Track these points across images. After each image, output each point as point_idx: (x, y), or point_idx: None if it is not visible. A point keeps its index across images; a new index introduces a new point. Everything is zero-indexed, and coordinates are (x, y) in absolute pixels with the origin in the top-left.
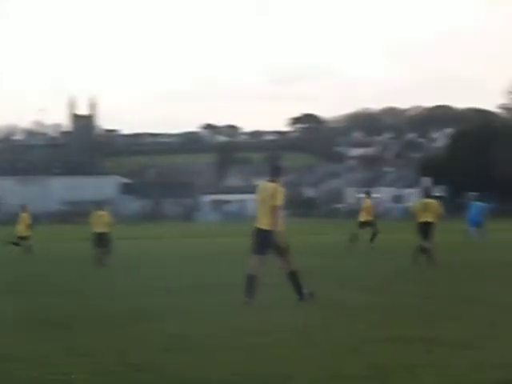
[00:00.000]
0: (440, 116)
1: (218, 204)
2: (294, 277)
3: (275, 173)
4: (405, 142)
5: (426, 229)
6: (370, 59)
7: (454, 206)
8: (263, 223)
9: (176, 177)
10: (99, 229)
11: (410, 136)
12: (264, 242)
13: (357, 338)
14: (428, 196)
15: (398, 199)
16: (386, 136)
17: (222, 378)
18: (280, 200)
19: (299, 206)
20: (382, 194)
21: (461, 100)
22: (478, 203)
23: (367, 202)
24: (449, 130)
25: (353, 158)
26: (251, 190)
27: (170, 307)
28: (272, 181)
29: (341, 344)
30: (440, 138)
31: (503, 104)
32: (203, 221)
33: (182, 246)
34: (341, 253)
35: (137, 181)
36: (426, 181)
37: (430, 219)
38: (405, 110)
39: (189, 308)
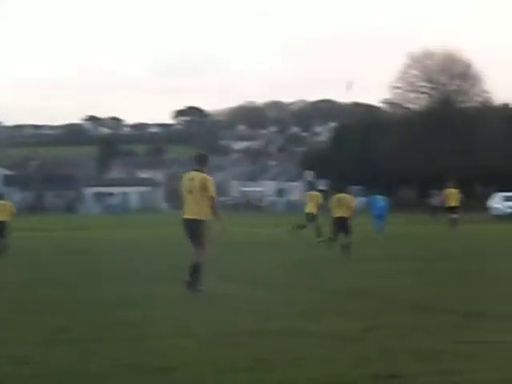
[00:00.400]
0: (324, 110)
1: (100, 196)
2: (197, 269)
3: (201, 162)
4: (288, 136)
5: (341, 223)
6: (254, 52)
7: None
8: (192, 213)
9: (58, 169)
10: (1, 217)
11: (294, 130)
12: (197, 231)
13: (242, 330)
14: (341, 191)
15: (281, 193)
16: (270, 130)
17: (104, 370)
18: (213, 190)
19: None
20: (266, 187)
21: (344, 94)
22: (380, 197)
23: (315, 195)
24: (332, 125)
25: (237, 151)
26: (134, 182)
27: (54, 300)
28: (198, 170)
29: (226, 337)
30: (323, 132)
31: (386, 99)
32: (86, 213)
33: (64, 238)
34: (227, 245)
35: (19, 173)
36: (309, 174)
37: (344, 214)
38: (289, 104)
39: (73, 300)
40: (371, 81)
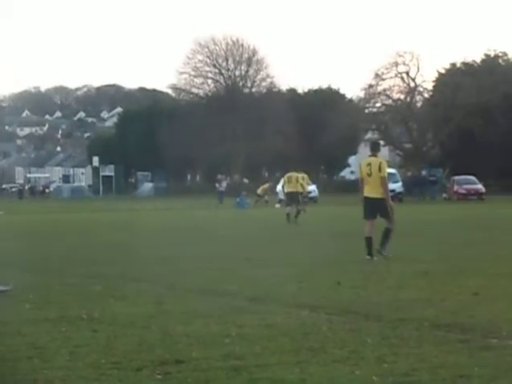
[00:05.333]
0: (110, 95)
1: None
2: (388, 233)
3: (375, 149)
4: (74, 122)
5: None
6: (39, 37)
7: (125, 185)
8: (374, 192)
9: None
10: None
11: (80, 115)
12: (383, 207)
13: (21, 318)
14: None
15: (67, 179)
16: (56, 115)
17: None
18: (385, 172)
19: None
20: (52, 173)
21: (131, 80)
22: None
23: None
24: (119, 110)
25: (22, 137)
26: None
27: None
28: (374, 156)
29: (5, 325)
30: (110, 118)
31: (173, 84)
32: None
33: None
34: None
35: None
36: (96, 160)
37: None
38: (75, 89)
39: None
40: (158, 66)
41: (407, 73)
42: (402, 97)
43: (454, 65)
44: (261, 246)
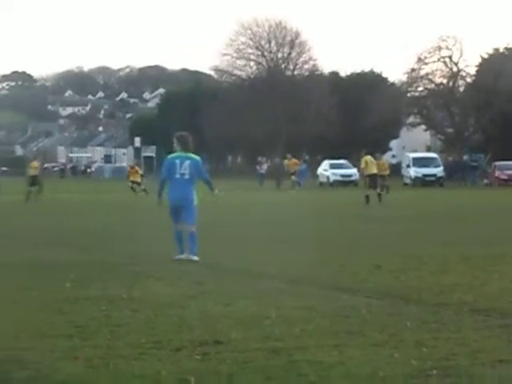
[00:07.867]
0: (152, 76)
1: None
2: None
3: None
4: (117, 102)
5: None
6: (81, 17)
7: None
8: None
9: None
10: None
11: (123, 96)
12: None
13: (62, 296)
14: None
15: (108, 159)
16: (98, 95)
17: None
18: None
19: (11, 165)
20: (94, 153)
21: (174, 61)
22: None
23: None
24: (161, 91)
25: (65, 117)
26: None
27: None
28: None
29: (46, 303)
30: (152, 99)
31: (215, 65)
32: None
33: None
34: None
35: None
36: (137, 141)
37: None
38: (117, 70)
39: None
40: (200, 47)
41: (450, 57)
42: (445, 81)
43: (497, 50)
44: (302, 228)
